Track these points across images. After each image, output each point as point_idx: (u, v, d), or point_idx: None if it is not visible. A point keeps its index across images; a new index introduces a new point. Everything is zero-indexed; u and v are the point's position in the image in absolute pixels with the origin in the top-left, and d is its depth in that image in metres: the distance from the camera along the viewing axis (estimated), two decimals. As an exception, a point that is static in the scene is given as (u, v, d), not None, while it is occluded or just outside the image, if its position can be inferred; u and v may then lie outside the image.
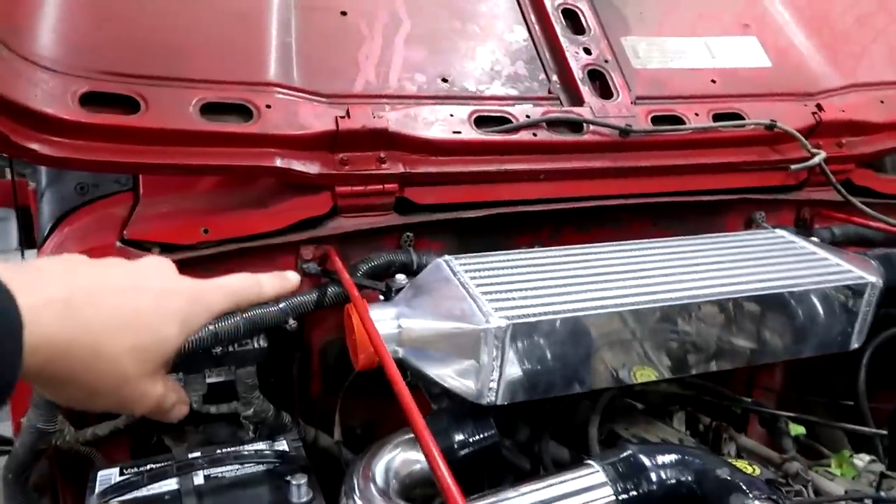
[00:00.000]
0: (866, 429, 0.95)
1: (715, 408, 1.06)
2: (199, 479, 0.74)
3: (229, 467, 0.76)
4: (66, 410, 0.80)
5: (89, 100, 0.77)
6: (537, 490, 0.65)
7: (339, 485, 0.72)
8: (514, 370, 0.73)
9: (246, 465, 0.77)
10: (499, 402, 0.73)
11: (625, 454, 0.67)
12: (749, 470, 0.69)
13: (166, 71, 0.82)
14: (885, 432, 0.92)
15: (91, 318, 0.46)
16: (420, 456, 0.73)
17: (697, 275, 0.84)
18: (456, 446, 0.75)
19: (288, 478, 0.74)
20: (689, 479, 0.65)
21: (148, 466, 0.77)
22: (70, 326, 0.44)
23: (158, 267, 0.54)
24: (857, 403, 0.98)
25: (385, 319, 0.74)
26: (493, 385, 0.72)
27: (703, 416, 1.05)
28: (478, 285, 0.77)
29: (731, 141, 1.07)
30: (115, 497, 0.69)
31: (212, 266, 0.84)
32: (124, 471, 0.76)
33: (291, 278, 0.65)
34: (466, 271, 0.79)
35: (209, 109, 0.82)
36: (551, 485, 0.65)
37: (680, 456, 0.66)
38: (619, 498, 0.64)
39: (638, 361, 0.80)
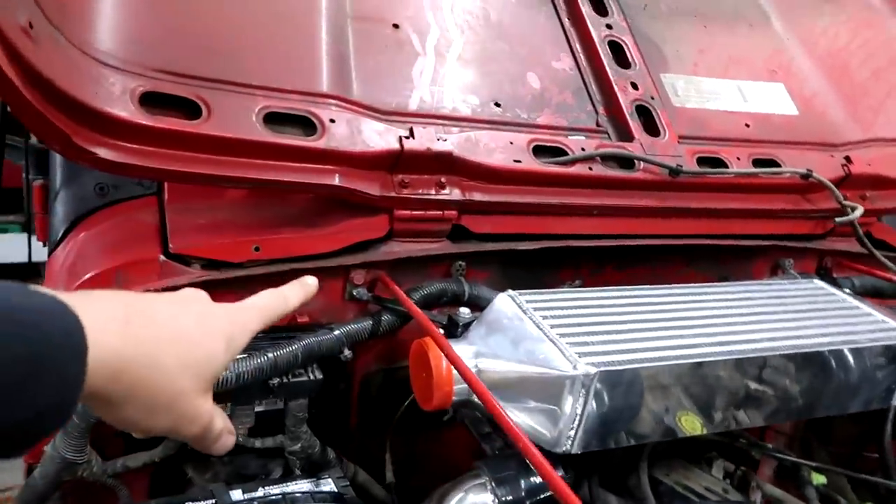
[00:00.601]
0: (891, 483, 0.97)
1: (734, 452, 1.06)
2: (242, 516, 0.69)
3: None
4: (93, 439, 0.72)
5: (148, 100, 0.70)
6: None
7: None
8: (593, 418, 0.70)
9: (293, 505, 0.71)
10: (574, 451, 0.70)
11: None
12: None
13: (227, 74, 0.76)
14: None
15: (148, 335, 0.48)
16: (489, 499, 0.70)
17: (762, 325, 0.83)
18: (524, 494, 0.71)
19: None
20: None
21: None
22: (130, 343, 0.46)
23: (195, 295, 0.56)
24: (881, 455, 0.99)
25: (465, 358, 0.70)
26: (572, 433, 0.69)
27: (728, 462, 1.05)
28: (552, 326, 0.74)
29: (767, 187, 1.08)
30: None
31: (256, 286, 0.79)
32: (158, 509, 0.69)
33: (311, 283, 0.64)
34: (536, 309, 0.76)
35: (272, 119, 0.77)
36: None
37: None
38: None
39: (697, 411, 0.79)
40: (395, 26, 0.96)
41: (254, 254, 0.78)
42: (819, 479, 1.03)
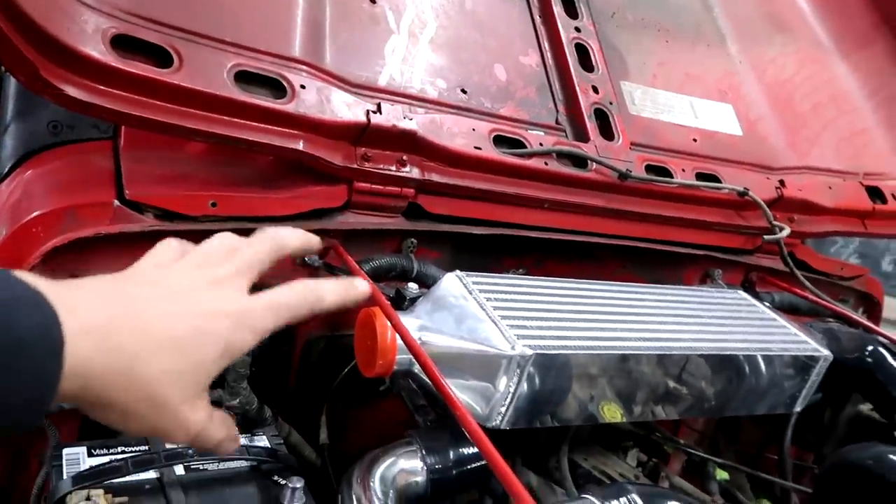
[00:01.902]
0: (788, 483, 1.05)
1: (648, 444, 1.13)
2: (179, 469, 0.70)
3: (211, 460, 0.72)
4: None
5: (120, 43, 0.69)
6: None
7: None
8: (523, 398, 0.74)
9: (226, 460, 0.73)
10: (503, 427, 0.74)
11: (622, 493, 0.70)
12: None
13: (202, 27, 0.76)
14: (805, 489, 1.02)
15: (128, 343, 0.45)
16: (418, 468, 0.73)
17: (687, 327, 0.89)
18: (452, 463, 0.75)
19: (276, 477, 0.72)
20: (682, 523, 0.69)
21: (119, 449, 0.71)
22: (105, 351, 0.44)
23: (210, 280, 0.52)
24: (780, 459, 1.08)
25: (410, 330, 0.72)
26: (503, 410, 0.73)
27: (642, 453, 1.12)
28: (494, 308, 0.77)
29: (706, 200, 1.14)
30: (96, 482, 0.63)
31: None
32: (93, 451, 0.70)
33: (361, 289, 0.61)
34: (481, 291, 0.80)
35: (243, 78, 0.77)
36: (557, 516, 0.67)
37: (671, 500, 0.71)
38: (617, 536, 0.67)
39: (617, 400, 0.84)
40: (373, 1, 0.98)
41: (210, 209, 0.78)
42: (722, 474, 1.11)
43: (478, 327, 0.74)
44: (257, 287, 0.55)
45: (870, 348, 1.06)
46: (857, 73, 1.47)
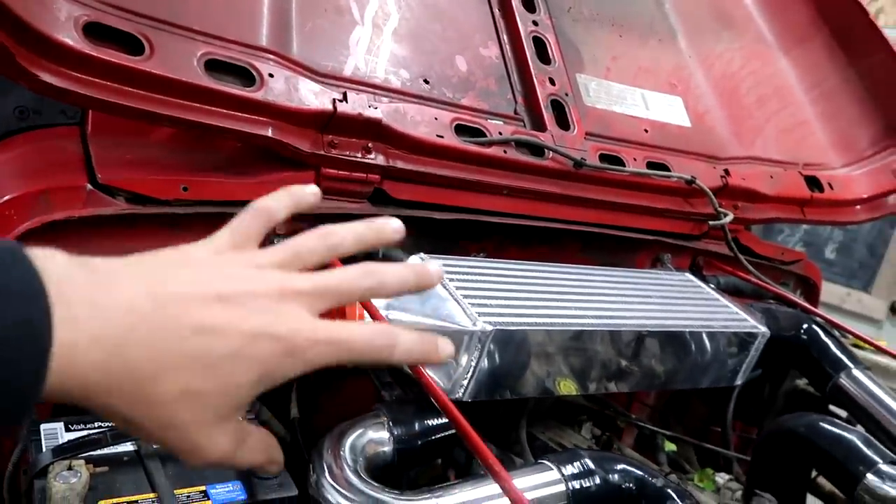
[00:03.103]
0: (730, 452, 1.13)
1: (604, 420, 1.19)
2: (155, 442, 0.73)
3: (185, 433, 0.75)
4: None
5: (91, 30, 0.71)
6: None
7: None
8: (483, 371, 0.79)
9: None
10: (465, 399, 0.79)
11: (577, 458, 0.76)
12: (705, 484, 0.81)
13: (172, 16, 0.78)
14: (747, 457, 1.09)
15: (142, 360, 0.39)
16: (385, 438, 0.77)
17: (632, 305, 0.95)
18: (417, 434, 0.79)
19: (249, 450, 0.75)
20: (631, 485, 0.75)
21: (97, 424, 0.73)
22: (114, 369, 0.38)
23: (280, 289, 0.44)
24: (723, 430, 1.15)
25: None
26: (465, 383, 0.78)
27: (595, 427, 1.18)
28: (457, 287, 0.82)
29: (656, 188, 1.21)
30: (76, 454, 0.65)
31: (181, 225, 0.82)
32: (70, 427, 0.72)
33: (445, 351, 0.53)
34: (444, 272, 0.84)
35: (213, 66, 0.80)
36: (514, 478, 0.72)
37: (624, 466, 0.76)
38: (572, 494, 0.72)
39: (571, 374, 0.90)
40: (337, -7, 1.00)
41: (182, 193, 0.80)
42: (670, 446, 1.18)
43: (441, 305, 0.78)
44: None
45: (805, 326, 1.14)
46: (797, 68, 1.55)
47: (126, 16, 0.75)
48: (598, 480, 0.74)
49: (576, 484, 0.73)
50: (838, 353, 1.10)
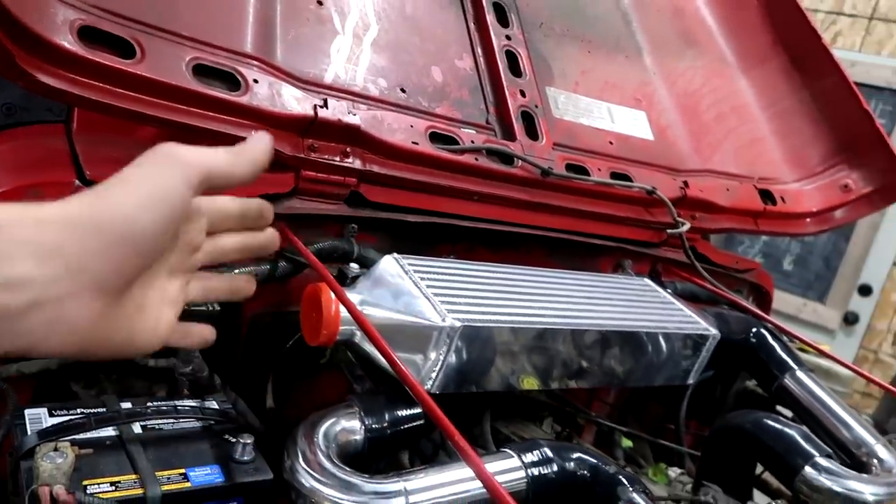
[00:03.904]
0: (682, 448, 1.19)
1: (565, 417, 1.25)
2: (136, 428, 0.76)
3: (166, 420, 0.78)
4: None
5: (86, 34, 0.75)
6: (465, 467, 0.76)
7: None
8: (451, 365, 0.84)
9: (181, 420, 0.79)
10: (434, 391, 0.84)
11: (536, 447, 0.81)
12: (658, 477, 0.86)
13: (162, 22, 0.82)
14: (697, 453, 1.16)
15: None
16: (357, 427, 0.82)
17: (592, 306, 1.01)
18: (387, 424, 0.84)
19: (227, 436, 0.79)
20: (586, 472, 0.80)
21: (79, 410, 0.76)
22: None
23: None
24: (676, 427, 1.22)
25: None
26: (434, 376, 0.83)
27: (556, 423, 1.24)
28: (428, 286, 0.87)
29: (619, 197, 1.27)
30: (61, 437, 0.69)
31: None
32: (53, 412, 0.75)
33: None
34: (416, 271, 0.89)
35: (201, 71, 0.84)
36: (478, 465, 0.77)
37: (580, 454, 0.82)
38: (530, 480, 0.78)
39: (532, 370, 0.95)
40: (319, 3, 1.05)
41: (167, 191, 0.84)
42: (627, 442, 1.24)
43: (412, 302, 0.83)
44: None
45: (754, 330, 1.22)
46: (755, 87, 1.64)
47: (119, 20, 0.79)
48: (555, 468, 0.79)
49: (535, 471, 0.79)
50: (784, 355, 1.18)
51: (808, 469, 0.95)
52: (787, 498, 1.16)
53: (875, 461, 1.01)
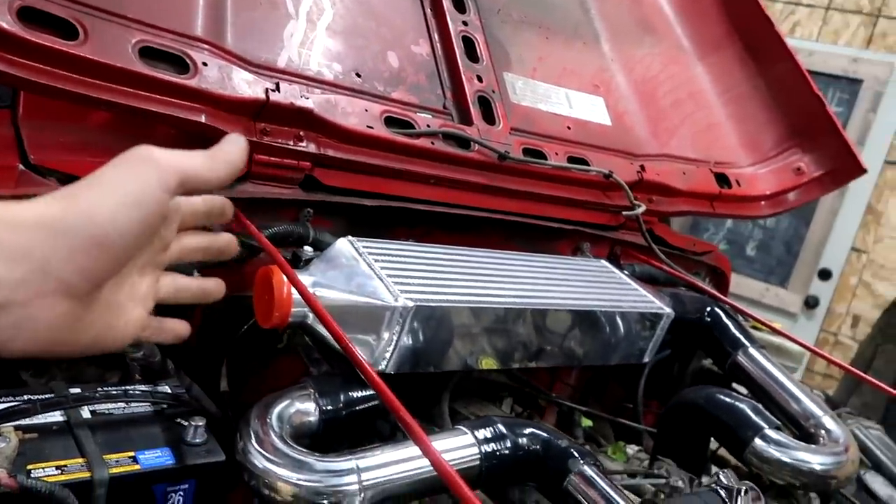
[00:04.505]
0: (639, 425, 1.21)
1: (526, 398, 1.27)
2: (85, 413, 0.75)
3: (116, 404, 0.78)
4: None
5: (26, 15, 0.74)
6: (421, 446, 0.77)
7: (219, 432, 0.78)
8: (406, 345, 0.84)
9: (132, 404, 0.79)
10: (388, 371, 0.85)
11: (489, 423, 0.82)
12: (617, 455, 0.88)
13: (107, 4, 0.81)
14: (653, 429, 1.18)
15: None
16: (312, 409, 0.82)
17: (547, 287, 1.02)
18: (342, 405, 0.84)
19: (179, 419, 0.78)
20: (538, 447, 0.82)
21: (25, 397, 0.75)
22: None
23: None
24: (634, 406, 1.24)
25: (305, 285, 0.81)
26: (388, 356, 0.84)
27: (517, 405, 1.25)
28: (381, 267, 0.87)
29: (577, 181, 1.29)
30: (6, 422, 0.68)
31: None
32: None
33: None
34: (370, 253, 0.90)
35: (147, 54, 0.83)
36: (431, 442, 0.78)
37: (532, 429, 0.83)
38: (483, 456, 0.79)
39: (490, 350, 0.96)
40: (272, -13, 1.04)
41: (115, 175, 0.83)
42: (587, 422, 1.26)
43: (366, 283, 0.84)
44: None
45: (708, 309, 1.24)
46: (711, 73, 1.67)
47: (60, 1, 0.77)
48: (508, 443, 0.81)
49: (488, 447, 0.80)
50: (737, 333, 1.20)
51: (757, 441, 0.98)
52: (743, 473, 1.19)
53: (823, 432, 1.05)
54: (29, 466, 0.65)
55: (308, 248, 0.92)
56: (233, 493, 0.82)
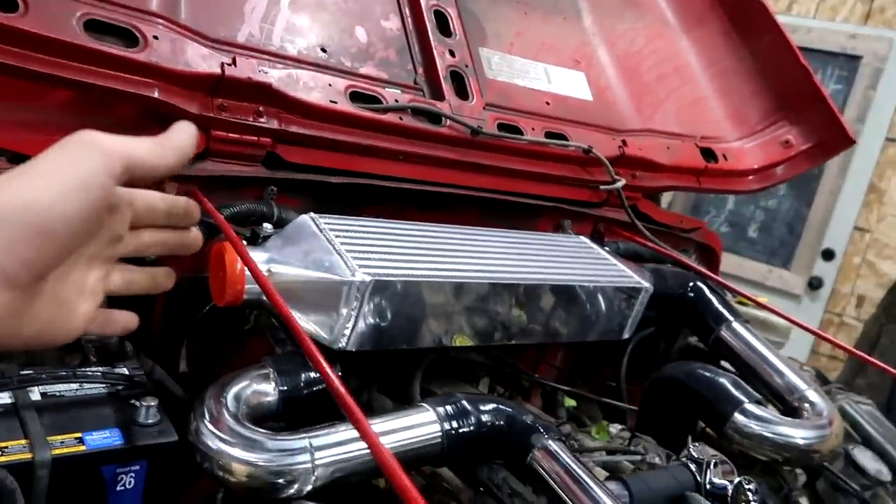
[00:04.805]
0: (622, 404, 1.19)
1: (508, 379, 1.24)
2: (35, 395, 0.74)
3: (69, 386, 0.76)
4: None
5: (-42, -14, 0.72)
6: (381, 423, 0.75)
7: (178, 413, 0.76)
8: (366, 322, 0.82)
9: (85, 386, 0.77)
10: (349, 349, 0.82)
11: (452, 400, 0.80)
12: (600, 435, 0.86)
13: (48, -24, 0.79)
14: (636, 407, 1.15)
15: None
16: (270, 389, 0.80)
17: (521, 262, 1.00)
18: (302, 384, 0.82)
19: (133, 401, 0.76)
20: (502, 422, 0.79)
21: (-26, 379, 0.74)
22: None
23: None
24: (617, 384, 1.22)
25: (259, 262, 0.79)
26: (347, 333, 0.81)
27: (499, 386, 1.23)
28: (342, 243, 0.85)
29: (555, 157, 1.26)
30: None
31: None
32: (-54, 381, 0.73)
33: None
34: (331, 229, 0.87)
35: (93, 27, 0.81)
36: (392, 419, 0.76)
37: (496, 405, 0.81)
38: (445, 434, 0.76)
39: (464, 327, 0.94)
40: (231, -39, 1.02)
41: (67, 153, 0.81)
42: (570, 402, 1.24)
43: (322, 258, 0.81)
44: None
45: (691, 284, 1.21)
46: (696, 47, 1.63)
47: (-2, -27, 0.75)
48: (471, 419, 0.78)
49: (450, 423, 0.77)
50: (720, 308, 1.17)
51: (737, 415, 0.95)
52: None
53: (807, 405, 1.02)
54: (-33, 448, 0.63)
55: (268, 226, 0.89)
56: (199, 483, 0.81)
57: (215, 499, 0.79)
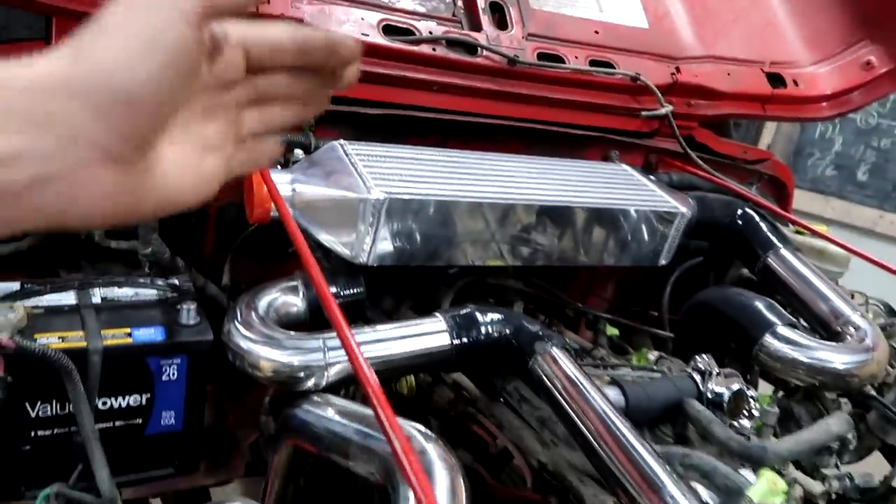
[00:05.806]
0: (662, 332, 1.18)
1: (552, 308, 1.26)
2: (96, 297, 0.85)
3: (126, 291, 0.87)
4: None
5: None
6: (393, 329, 0.81)
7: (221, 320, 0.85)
8: (385, 238, 0.87)
9: (140, 292, 0.88)
10: (369, 264, 0.88)
11: (463, 310, 0.84)
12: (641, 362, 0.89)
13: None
14: (672, 335, 1.15)
15: None
16: (298, 300, 0.87)
17: (547, 186, 1.01)
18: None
19: (179, 306, 0.86)
20: (509, 331, 0.83)
21: (48, 286, 0.86)
22: None
23: None
24: (660, 313, 1.21)
25: (282, 182, 0.86)
26: (367, 248, 0.87)
27: (541, 314, 1.25)
28: (365, 166, 0.90)
29: (600, 85, 1.24)
30: (17, 301, 0.78)
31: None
32: (25, 285, 0.85)
33: None
34: (357, 154, 0.92)
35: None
36: (404, 326, 0.81)
37: (504, 315, 0.84)
38: (454, 342, 0.81)
39: (486, 247, 0.97)
40: None
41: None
42: (612, 331, 1.24)
43: (343, 178, 0.87)
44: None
45: (740, 212, 1.18)
46: (770, -35, 1.52)
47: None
48: (480, 329, 0.82)
49: (460, 331, 0.82)
50: (769, 234, 1.13)
51: (767, 338, 0.93)
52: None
53: (851, 329, 0.97)
54: (36, 335, 0.74)
55: (298, 152, 0.96)
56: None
57: (263, 403, 0.88)
